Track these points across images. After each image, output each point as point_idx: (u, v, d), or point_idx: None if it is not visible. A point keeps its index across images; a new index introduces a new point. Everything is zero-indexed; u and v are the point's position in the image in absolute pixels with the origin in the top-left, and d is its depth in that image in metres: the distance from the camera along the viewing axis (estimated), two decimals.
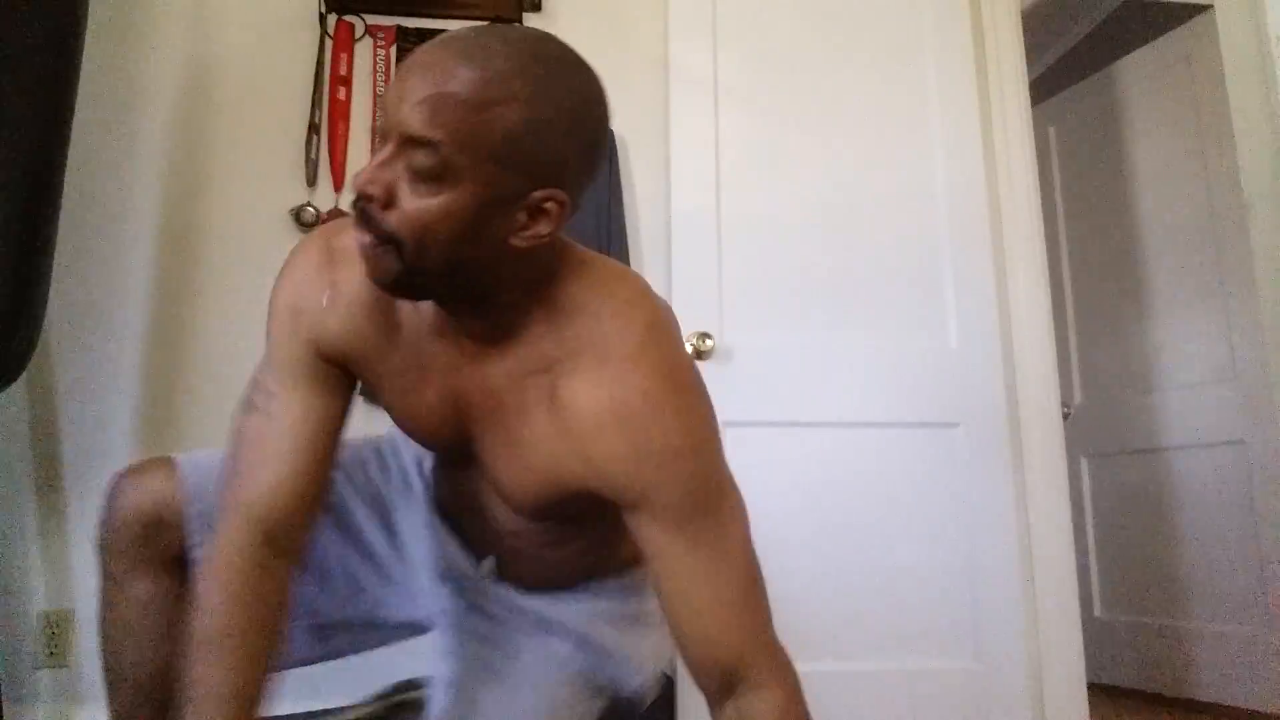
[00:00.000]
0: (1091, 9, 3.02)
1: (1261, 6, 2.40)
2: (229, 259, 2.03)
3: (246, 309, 2.01)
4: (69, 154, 1.64)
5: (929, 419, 2.03)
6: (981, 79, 2.24)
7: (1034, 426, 2.09)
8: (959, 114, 2.18)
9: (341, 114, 2.11)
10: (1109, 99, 2.96)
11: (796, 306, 2.04)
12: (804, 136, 2.13)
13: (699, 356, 1.94)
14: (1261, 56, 2.43)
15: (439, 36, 0.72)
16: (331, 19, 2.15)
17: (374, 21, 2.16)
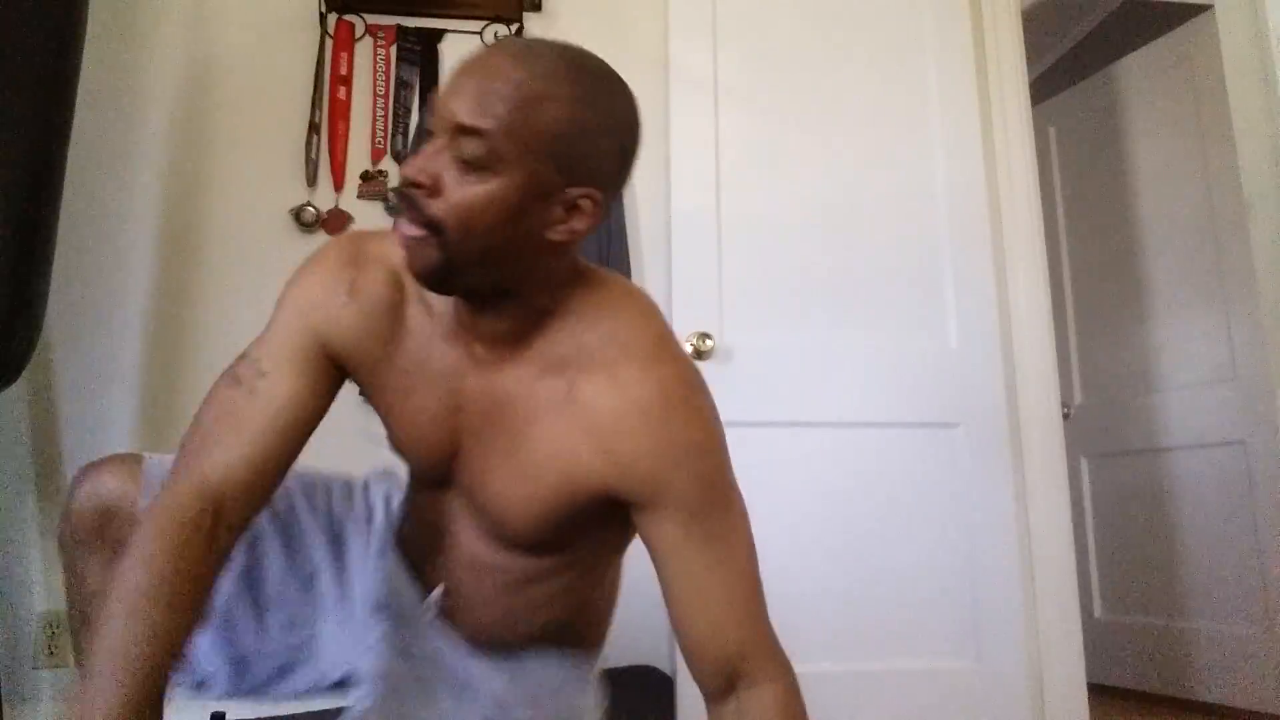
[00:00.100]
0: (1091, 9, 3.02)
1: (1261, 6, 2.40)
2: (229, 259, 2.03)
3: (247, 309, 2.01)
4: (69, 154, 1.64)
5: (929, 419, 2.02)
6: (981, 79, 2.24)
7: (1034, 426, 2.09)
8: (959, 114, 2.18)
9: (341, 114, 2.11)
10: (1109, 99, 2.96)
11: (796, 306, 2.04)
12: (804, 136, 2.13)
13: (699, 356, 1.94)
14: (1261, 56, 2.43)
15: (490, 43, 0.79)
16: (331, 18, 2.15)
17: (374, 21, 2.16)
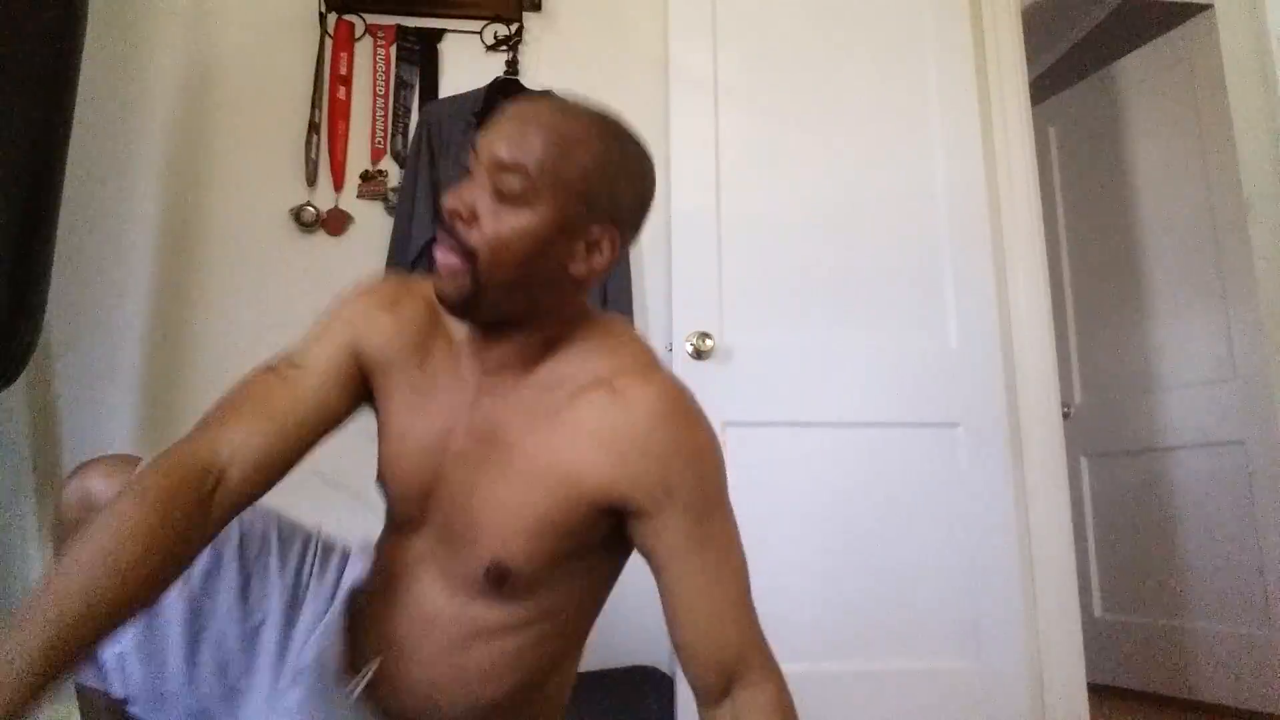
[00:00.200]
0: (1091, 9, 3.02)
1: (1261, 6, 2.41)
2: (229, 259, 2.03)
3: (247, 308, 2.01)
4: (69, 154, 1.64)
5: (929, 419, 2.02)
6: (981, 79, 2.24)
7: (1034, 426, 2.09)
8: (959, 114, 2.18)
9: (341, 113, 2.11)
10: (1109, 99, 2.96)
11: (796, 306, 2.04)
12: (804, 136, 2.13)
13: (699, 356, 1.94)
14: (1261, 56, 2.43)
15: (543, 97, 0.88)
16: (331, 18, 2.15)
17: (374, 21, 2.17)
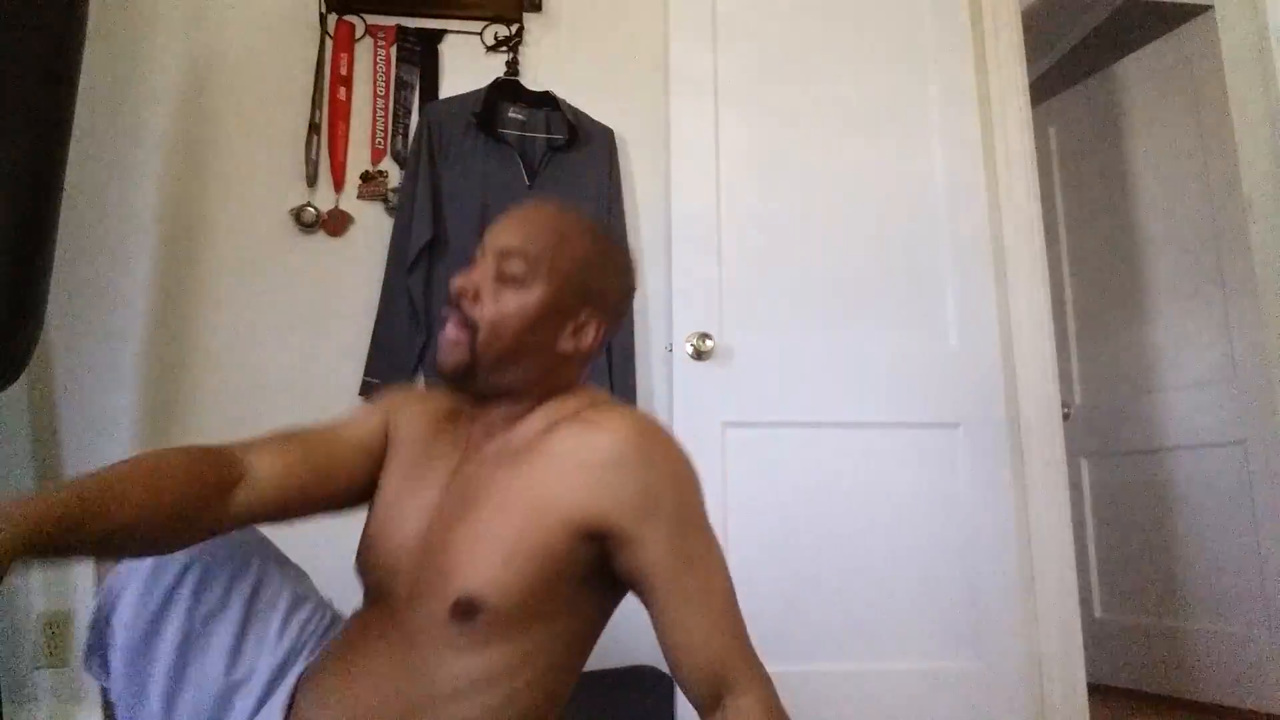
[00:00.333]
0: (1091, 9, 3.02)
1: (1261, 6, 2.40)
2: (229, 259, 2.03)
3: (246, 308, 2.01)
4: (69, 154, 1.64)
5: (929, 419, 2.02)
6: (981, 79, 2.24)
7: (1034, 426, 2.09)
8: (959, 114, 2.18)
9: (341, 114, 2.11)
10: (1109, 99, 2.96)
11: (797, 307, 2.04)
12: (804, 136, 2.12)
13: (699, 357, 1.94)
14: (1261, 56, 2.43)
15: (545, 202, 1.01)
16: (331, 19, 2.15)
17: (374, 21, 2.16)
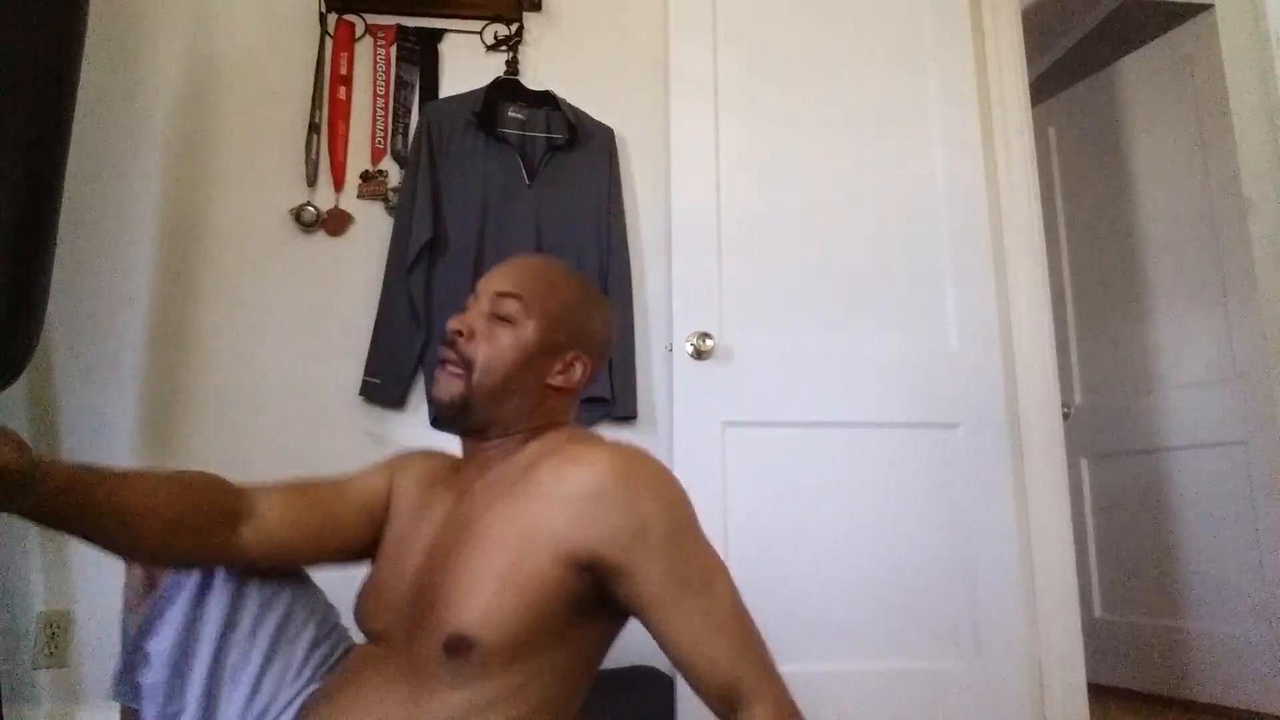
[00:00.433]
0: (1091, 9, 3.02)
1: (1261, 6, 2.40)
2: (229, 259, 2.03)
3: (246, 308, 2.01)
4: (69, 154, 1.64)
5: (929, 419, 2.02)
6: (981, 79, 2.24)
7: (1034, 426, 2.09)
8: (959, 114, 2.18)
9: (341, 114, 2.11)
10: (1109, 99, 2.96)
11: (797, 306, 2.04)
12: (804, 136, 2.13)
13: (699, 356, 1.94)
14: (1261, 56, 2.43)
15: (535, 254, 1.08)
16: (332, 18, 2.15)
17: (374, 21, 2.17)
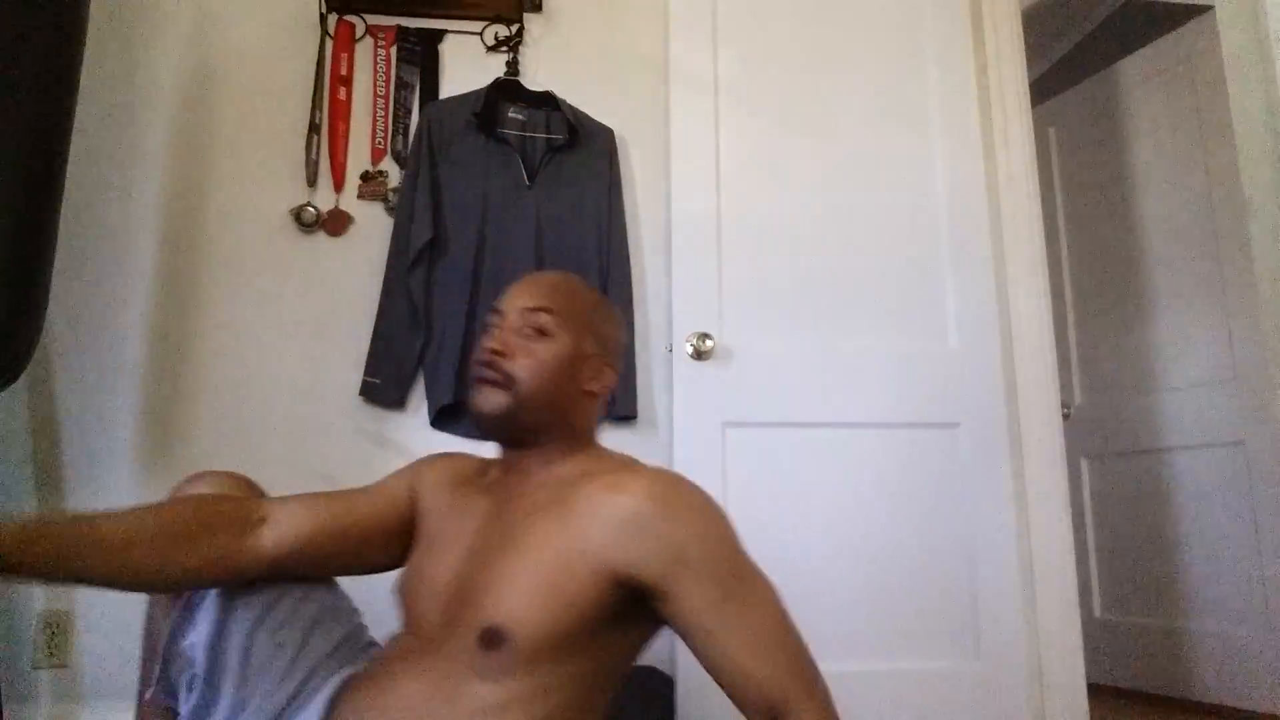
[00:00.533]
0: (1091, 9, 3.02)
1: (1261, 6, 2.41)
2: (229, 259, 2.03)
3: (246, 309, 2.01)
4: (70, 154, 1.64)
5: (929, 419, 2.02)
6: (981, 79, 2.24)
7: (1034, 426, 2.09)
8: (959, 114, 2.18)
9: (342, 114, 2.11)
10: (1109, 99, 2.96)
11: (797, 307, 2.04)
12: (804, 136, 2.13)
13: (699, 357, 1.94)
14: (1261, 56, 2.43)
15: (548, 271, 1.17)
16: (332, 19, 2.15)
17: (374, 21, 2.17)
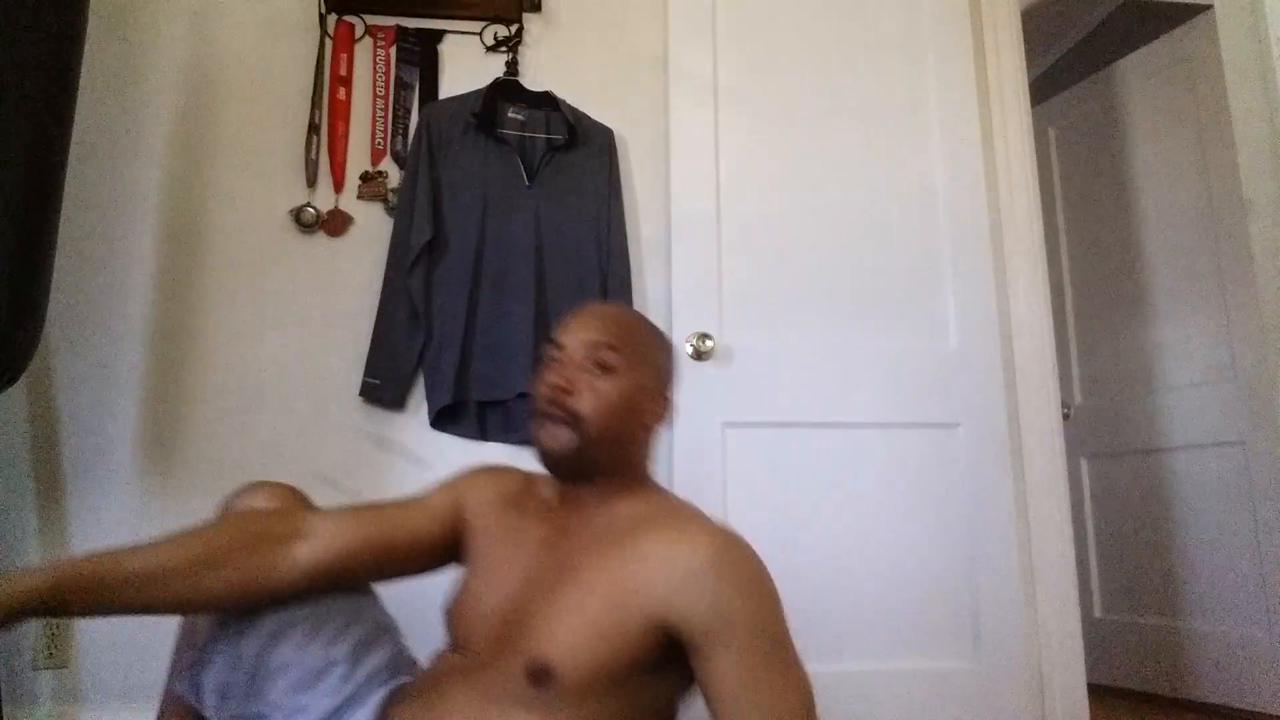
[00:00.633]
0: (1091, 9, 3.02)
1: (1261, 6, 2.41)
2: (229, 259, 2.03)
3: (246, 308, 2.01)
4: (69, 154, 1.64)
5: (929, 419, 2.02)
6: (981, 79, 2.24)
7: (1034, 426, 2.09)
8: (959, 114, 2.18)
9: (341, 114, 2.11)
10: (1109, 99, 2.96)
11: (796, 306, 2.04)
12: (804, 137, 2.13)
13: (699, 357, 1.94)
14: (1261, 56, 2.43)
15: (603, 302, 1.13)
16: (331, 19, 2.15)
17: (374, 21, 2.16)
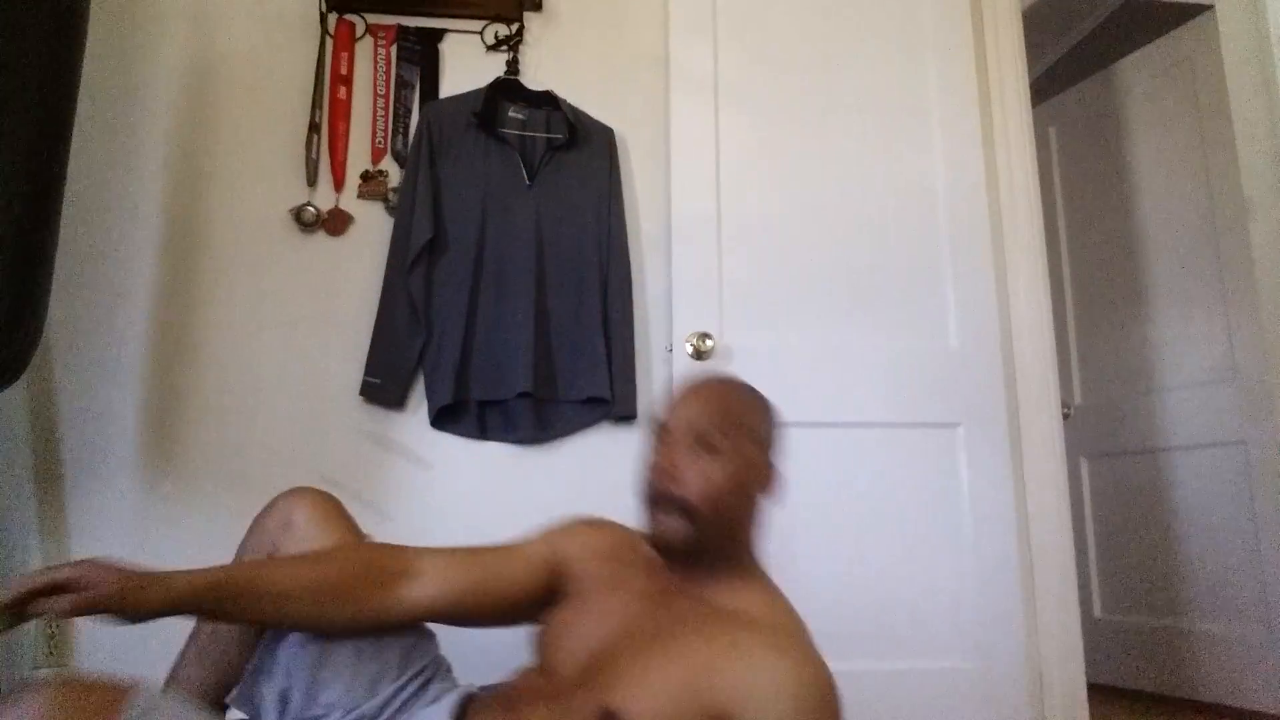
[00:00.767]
0: (1091, 9, 3.03)
1: (1261, 6, 2.41)
2: (229, 259, 2.03)
3: (246, 308, 2.01)
4: (70, 154, 1.64)
5: (929, 419, 2.02)
6: (981, 79, 2.24)
7: (1034, 426, 2.09)
8: (959, 114, 2.18)
9: (342, 114, 2.11)
10: (1109, 99, 2.96)
11: (797, 306, 2.04)
12: (804, 136, 2.13)
13: (699, 357, 1.94)
14: (1261, 56, 2.43)
15: (706, 375, 1.15)
16: (332, 18, 2.15)
17: (374, 21, 2.16)
